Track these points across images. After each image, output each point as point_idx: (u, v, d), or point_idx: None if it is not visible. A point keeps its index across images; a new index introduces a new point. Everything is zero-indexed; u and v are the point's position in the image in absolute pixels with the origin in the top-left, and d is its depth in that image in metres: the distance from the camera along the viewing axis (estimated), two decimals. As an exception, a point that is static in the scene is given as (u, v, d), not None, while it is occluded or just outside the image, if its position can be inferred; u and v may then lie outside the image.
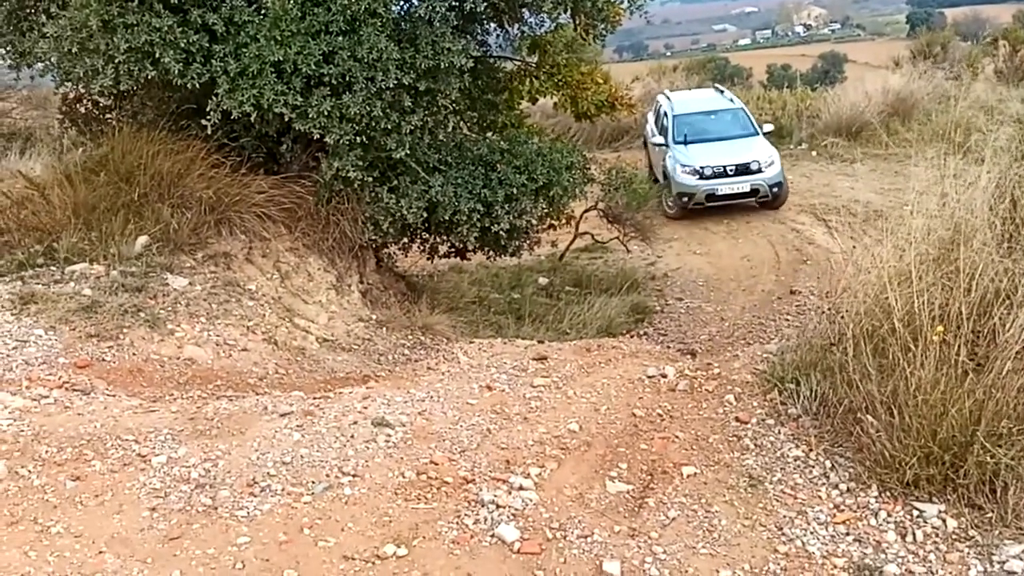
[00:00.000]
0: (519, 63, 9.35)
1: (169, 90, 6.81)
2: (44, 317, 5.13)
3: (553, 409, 4.47)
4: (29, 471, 3.58)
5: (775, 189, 13.32)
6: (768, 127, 14.75)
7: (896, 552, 3.34)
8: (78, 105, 7.89)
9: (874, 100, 17.57)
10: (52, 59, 6.36)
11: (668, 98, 15.67)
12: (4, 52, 6.99)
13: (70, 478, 3.56)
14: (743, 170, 13.27)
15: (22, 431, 3.89)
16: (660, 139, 14.48)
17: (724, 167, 13.30)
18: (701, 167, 13.32)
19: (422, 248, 8.78)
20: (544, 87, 9.65)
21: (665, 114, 14.93)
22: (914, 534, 3.42)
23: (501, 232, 7.74)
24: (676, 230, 13.26)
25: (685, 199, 13.43)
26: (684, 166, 13.50)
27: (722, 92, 16.10)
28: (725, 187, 13.25)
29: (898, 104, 17.49)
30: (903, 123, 16.51)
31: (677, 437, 4.14)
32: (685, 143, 13.92)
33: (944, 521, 3.45)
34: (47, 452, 3.73)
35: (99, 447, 3.81)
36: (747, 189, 13.25)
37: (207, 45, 6.35)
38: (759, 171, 13.25)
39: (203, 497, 3.50)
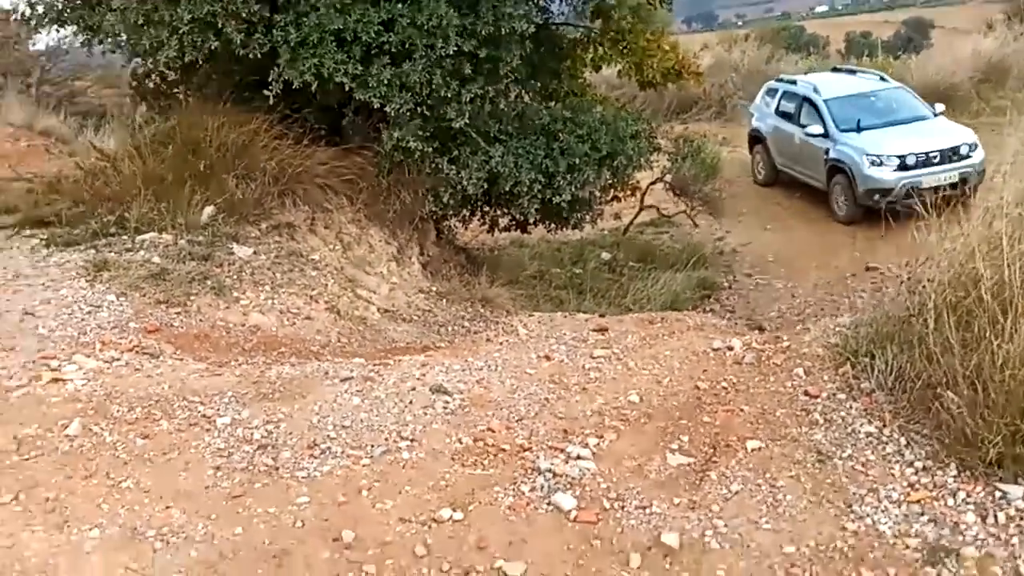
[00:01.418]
0: (582, 30, 9.17)
1: (233, 62, 6.90)
2: (116, 284, 5.28)
3: (613, 380, 4.39)
4: (102, 428, 3.69)
5: (981, 177, 10.68)
6: (940, 107, 12.22)
7: (975, 534, 3.15)
8: (147, 80, 8.08)
9: (963, 66, 16.60)
10: (119, 32, 6.49)
11: (796, 81, 13.28)
12: (76, 28, 7.16)
13: (140, 436, 3.65)
14: (950, 156, 10.97)
15: (95, 391, 4.01)
16: (815, 129, 11.86)
17: (927, 154, 10.88)
18: (901, 156, 10.87)
19: (483, 221, 8.76)
20: (608, 54, 9.44)
21: (806, 100, 12.49)
22: (996, 516, 3.20)
23: (563, 203, 7.66)
24: (746, 204, 12.89)
25: (876, 196, 10.68)
26: (874, 156, 10.99)
27: (853, 72, 13.88)
28: (930, 178, 10.59)
29: (990, 69, 16.51)
30: (995, 89, 15.67)
31: (742, 410, 3.99)
32: (858, 130, 11.48)
33: None
34: (118, 411, 3.83)
35: (167, 408, 3.90)
36: (955, 179, 10.60)
37: (268, 15, 6.41)
38: (967, 156, 10.97)
39: (265, 458, 3.55)
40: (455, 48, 6.41)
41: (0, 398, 3.86)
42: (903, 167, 10.82)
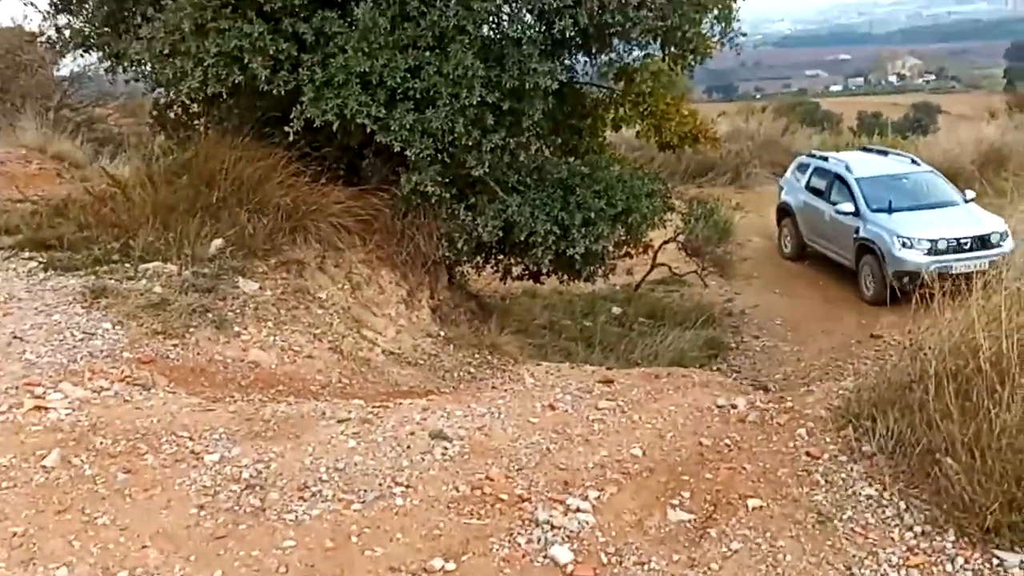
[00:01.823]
0: (605, 90, 9.22)
1: (255, 97, 6.90)
2: (113, 312, 5.17)
3: (616, 433, 4.26)
4: (82, 461, 3.55)
5: None
6: (971, 193, 11.95)
7: (972, 601, 3.07)
8: (168, 111, 8.09)
9: (967, 149, 17.09)
10: (144, 60, 6.50)
11: (828, 158, 13.17)
12: (101, 54, 7.20)
13: (122, 470, 3.51)
14: (981, 244, 10.76)
15: (79, 421, 3.87)
16: (847, 207, 11.72)
17: (959, 240, 10.78)
18: (932, 240, 10.75)
19: (496, 268, 8.67)
20: (628, 115, 9.48)
21: (837, 177, 12.40)
22: None
23: (576, 256, 7.57)
24: (756, 268, 12.86)
25: (905, 279, 10.17)
26: (904, 239, 10.85)
27: (885, 153, 13.69)
28: (960, 264, 10.33)
29: (992, 153, 17.05)
30: (996, 173, 15.92)
31: (744, 469, 3.91)
32: (889, 211, 11.34)
33: None
34: (101, 443, 3.70)
35: (153, 442, 3.76)
36: (986, 267, 10.06)
37: (295, 53, 6.43)
38: (998, 244, 10.72)
39: (252, 498, 3.40)
40: (479, 98, 6.40)
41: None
42: (934, 251, 10.70)
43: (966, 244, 10.79)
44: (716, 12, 8.03)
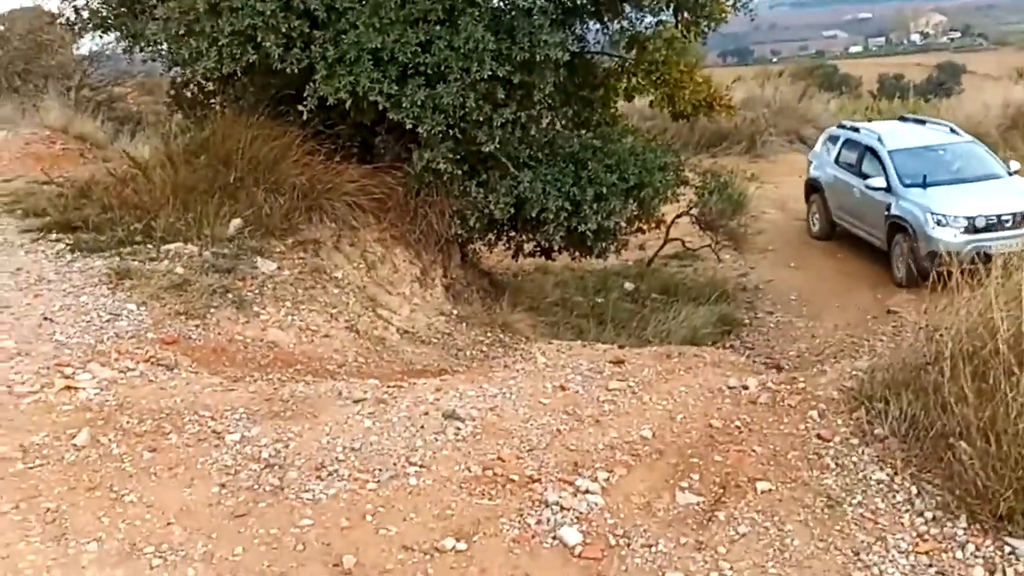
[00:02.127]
0: (617, 60, 9.17)
1: (269, 76, 6.96)
2: (137, 293, 5.31)
3: (627, 414, 4.33)
4: (110, 440, 3.69)
5: None
6: (1016, 164, 10.99)
7: (982, 589, 3.10)
8: (185, 90, 8.17)
9: (992, 112, 16.67)
10: (161, 41, 6.58)
11: (860, 130, 12.25)
12: (119, 34, 7.28)
13: (147, 449, 3.65)
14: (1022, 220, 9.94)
15: (107, 401, 4.01)
16: (877, 182, 10.87)
17: (999, 217, 9.88)
18: (969, 217, 9.91)
19: (508, 246, 8.73)
20: (641, 85, 9.41)
21: (868, 150, 11.50)
22: (1004, 571, 3.18)
23: (588, 232, 7.61)
24: (771, 241, 12.78)
25: (939, 260, 10.09)
26: (939, 216, 9.99)
27: (923, 122, 12.59)
28: (1000, 244, 9.37)
29: (1019, 117, 16.55)
30: (1023, 136, 15.59)
31: (754, 451, 3.94)
32: (923, 186, 10.47)
33: None
34: (128, 423, 3.83)
35: (177, 421, 3.90)
36: None
37: (308, 31, 6.47)
38: None
39: (271, 477, 3.53)
40: (490, 72, 6.42)
41: (10, 404, 3.87)
42: (971, 229, 9.86)
43: (1008, 221, 9.87)
44: (730, -25, 7.97)
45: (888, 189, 10.75)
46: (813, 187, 12.85)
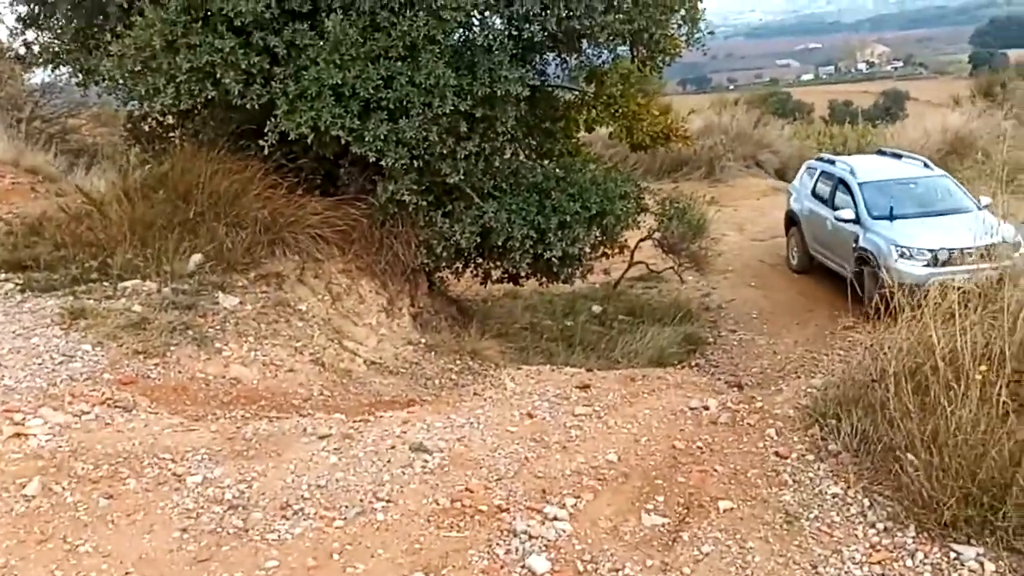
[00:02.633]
0: (576, 93, 9.30)
1: (229, 110, 6.92)
2: (92, 332, 5.19)
3: (593, 439, 4.36)
4: (63, 488, 3.58)
5: None
6: (986, 200, 10.41)
7: (931, 594, 3.19)
8: (142, 123, 8.08)
9: (933, 137, 17.27)
10: (116, 77, 6.50)
11: (836, 163, 12.23)
12: (72, 70, 7.18)
13: (103, 496, 3.55)
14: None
15: (60, 447, 3.90)
16: (846, 214, 10.85)
17: (963, 250, 9.34)
18: (932, 250, 9.72)
19: (475, 273, 8.73)
20: (600, 117, 9.56)
21: (840, 182, 11.53)
22: None
23: (554, 259, 7.66)
24: (731, 262, 12.96)
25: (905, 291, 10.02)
26: (903, 248, 9.90)
27: (899, 157, 12.50)
28: (964, 277, 9.97)
29: (956, 142, 17.22)
30: (960, 161, 16.13)
31: (716, 471, 4.04)
32: (890, 218, 10.43)
33: (982, 565, 3.35)
34: (83, 469, 3.73)
35: (135, 465, 3.80)
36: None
37: (267, 67, 6.45)
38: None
39: (235, 519, 3.45)
40: (452, 107, 6.46)
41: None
42: (934, 263, 9.64)
43: (972, 255, 9.43)
44: (683, 13, 8.13)
45: (857, 221, 10.70)
46: (791, 220, 12.73)
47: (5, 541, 3.21)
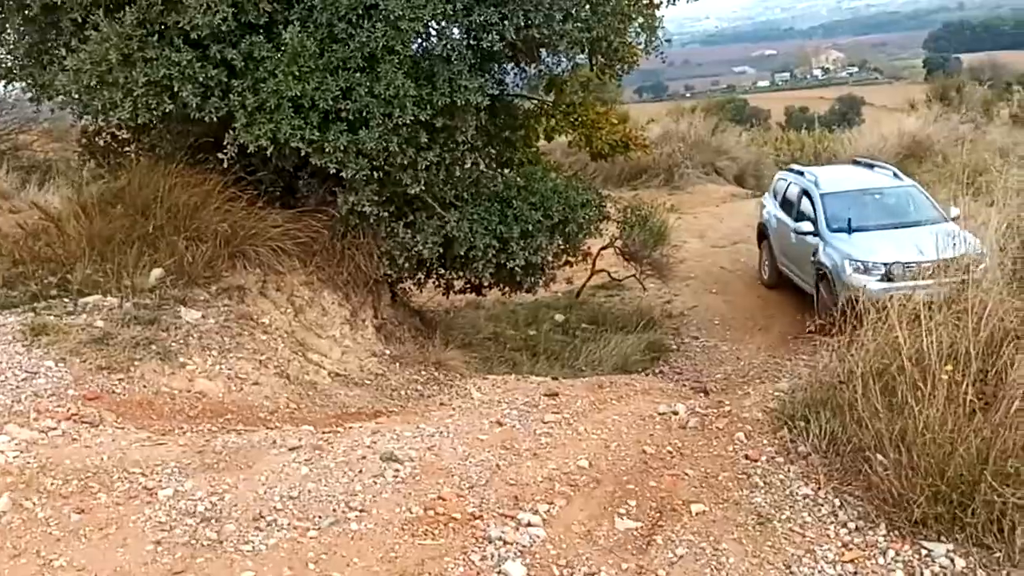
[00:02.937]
0: (536, 102, 9.39)
1: (187, 124, 6.86)
2: (55, 349, 5.12)
3: (563, 445, 4.41)
4: (34, 503, 3.54)
5: None
6: (955, 211, 9.77)
7: (903, 591, 3.26)
8: (97, 138, 7.97)
9: (890, 142, 17.67)
10: (72, 92, 6.42)
11: (804, 173, 11.82)
12: (25, 85, 7.08)
13: (75, 511, 3.51)
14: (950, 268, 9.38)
15: (28, 463, 3.85)
16: (806, 226, 10.49)
17: (920, 264, 8.65)
18: (885, 264, 9.31)
19: (437, 284, 8.76)
20: (560, 126, 9.68)
21: (804, 193, 11.14)
22: (922, 573, 3.39)
23: (516, 268, 7.71)
24: (693, 268, 13.15)
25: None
26: (857, 263, 9.51)
27: (872, 167, 12.08)
28: (921, 292, 8.65)
29: (913, 146, 17.62)
30: (918, 164, 16.53)
31: (687, 474, 4.11)
32: (848, 231, 10.05)
33: (952, 560, 3.43)
34: (52, 484, 3.69)
35: (105, 480, 3.77)
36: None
37: (225, 80, 6.41)
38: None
39: (208, 531, 3.45)
40: (412, 117, 6.47)
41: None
42: (887, 277, 9.22)
43: (930, 269, 8.81)
44: (641, 21, 8.25)
45: (816, 233, 10.39)
46: (762, 233, 12.44)
47: (-24, 558, 3.17)
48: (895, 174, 11.46)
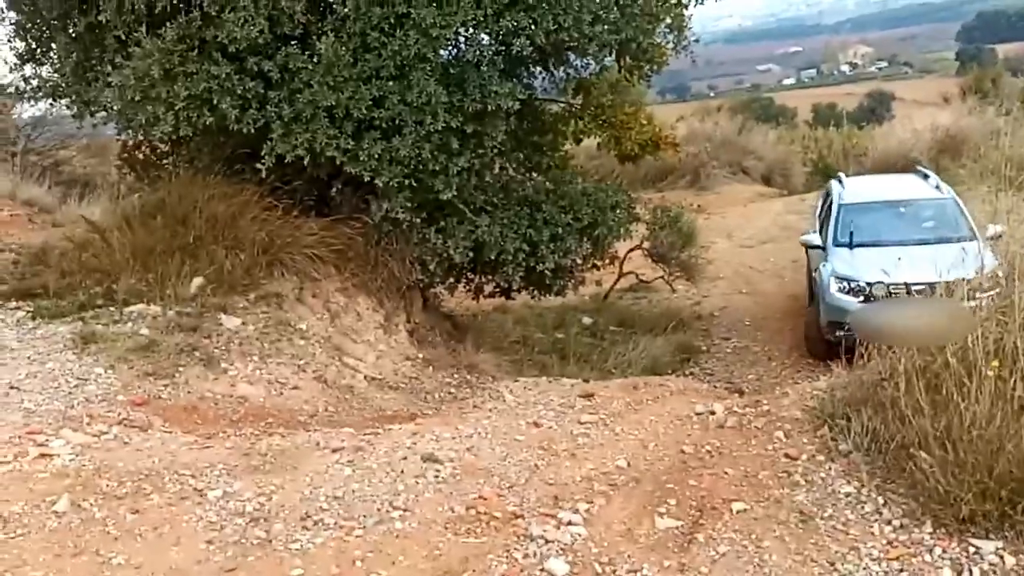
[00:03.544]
0: (564, 104, 9.46)
1: (224, 136, 7.04)
2: (104, 356, 5.30)
3: (600, 446, 4.47)
4: (91, 504, 3.67)
5: None
6: (995, 228, 7.26)
7: (952, 589, 3.26)
8: (136, 152, 8.20)
9: (923, 137, 17.42)
10: (115, 107, 6.62)
11: (841, 180, 11.06)
12: (69, 101, 7.29)
13: (130, 511, 3.64)
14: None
15: (84, 466, 4.00)
16: (815, 238, 9.85)
17: (908, 285, 8.10)
18: (868, 284, 8.59)
19: (468, 288, 8.86)
20: (588, 128, 9.75)
21: (832, 204, 10.38)
22: (970, 571, 3.34)
23: (546, 271, 7.80)
24: (721, 269, 13.12)
25: (838, 330, 8.36)
26: (841, 280, 8.83)
27: (927, 177, 10.86)
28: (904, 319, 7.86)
29: (948, 141, 17.27)
30: (953, 159, 16.29)
31: (726, 473, 4.10)
32: (850, 246, 9.29)
33: (1002, 558, 3.38)
34: (107, 486, 3.82)
35: (157, 481, 3.90)
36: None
37: (262, 91, 6.58)
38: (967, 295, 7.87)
39: (258, 530, 3.55)
40: (443, 124, 6.59)
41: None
42: (868, 299, 8.54)
43: (921, 291, 7.90)
44: (669, 21, 8.28)
45: (822, 248, 9.70)
46: (807, 247, 10.92)
47: (42, 555, 3.29)
48: (937, 186, 10.38)
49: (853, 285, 8.71)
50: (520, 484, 4.02)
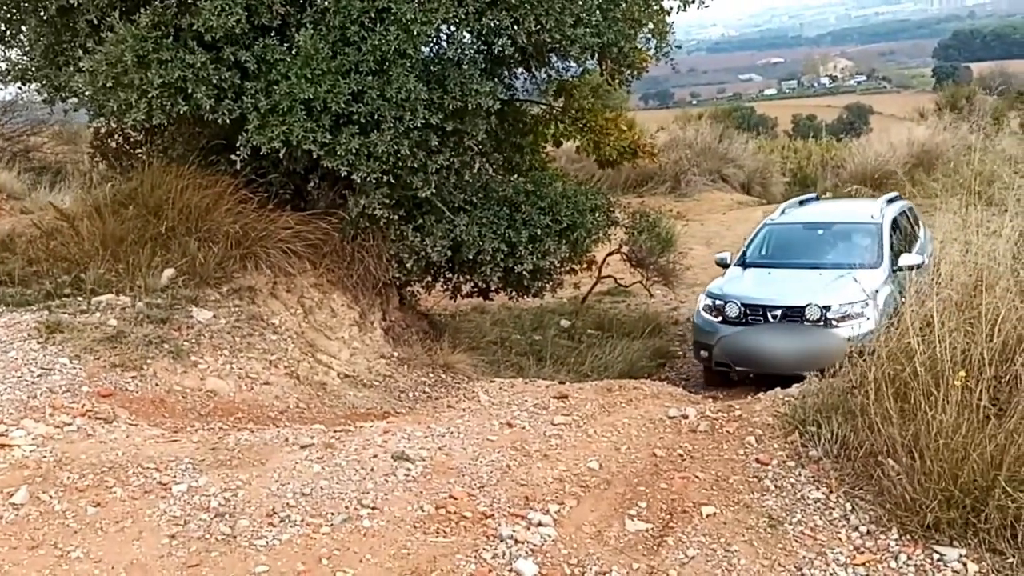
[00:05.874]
0: (545, 107, 9.44)
1: (199, 126, 6.93)
2: (69, 346, 5.18)
3: (573, 447, 4.43)
4: (51, 497, 3.58)
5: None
6: (916, 259, 8.01)
7: (916, 595, 3.28)
8: (109, 140, 8.05)
9: (899, 151, 17.69)
10: (86, 93, 6.49)
11: (803, 202, 10.56)
12: (39, 86, 7.15)
13: (91, 504, 3.55)
14: (791, 317, 7.88)
15: (44, 457, 3.90)
16: (727, 257, 9.41)
17: (764, 308, 7.99)
18: (723, 303, 8.28)
19: (445, 287, 8.80)
20: (568, 131, 9.75)
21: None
22: None
23: (524, 272, 7.74)
24: (699, 275, 13.14)
25: (703, 352, 8.45)
26: (708, 301, 8.51)
27: (892, 201, 10.04)
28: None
29: (923, 155, 17.61)
30: (927, 173, 16.52)
31: (697, 477, 4.11)
32: (743, 265, 9.05)
33: (965, 565, 3.43)
34: (69, 478, 3.73)
35: (120, 475, 3.81)
36: (805, 351, 7.34)
37: (239, 82, 6.48)
38: (822, 323, 7.70)
39: (222, 526, 3.48)
40: (423, 120, 6.52)
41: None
42: (725, 320, 8.18)
43: (772, 315, 7.95)
44: (651, 27, 8.29)
45: (724, 266, 9.36)
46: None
47: (-3, 548, 3.21)
48: (877, 213, 9.31)
49: (717, 304, 8.38)
50: (491, 484, 3.97)
